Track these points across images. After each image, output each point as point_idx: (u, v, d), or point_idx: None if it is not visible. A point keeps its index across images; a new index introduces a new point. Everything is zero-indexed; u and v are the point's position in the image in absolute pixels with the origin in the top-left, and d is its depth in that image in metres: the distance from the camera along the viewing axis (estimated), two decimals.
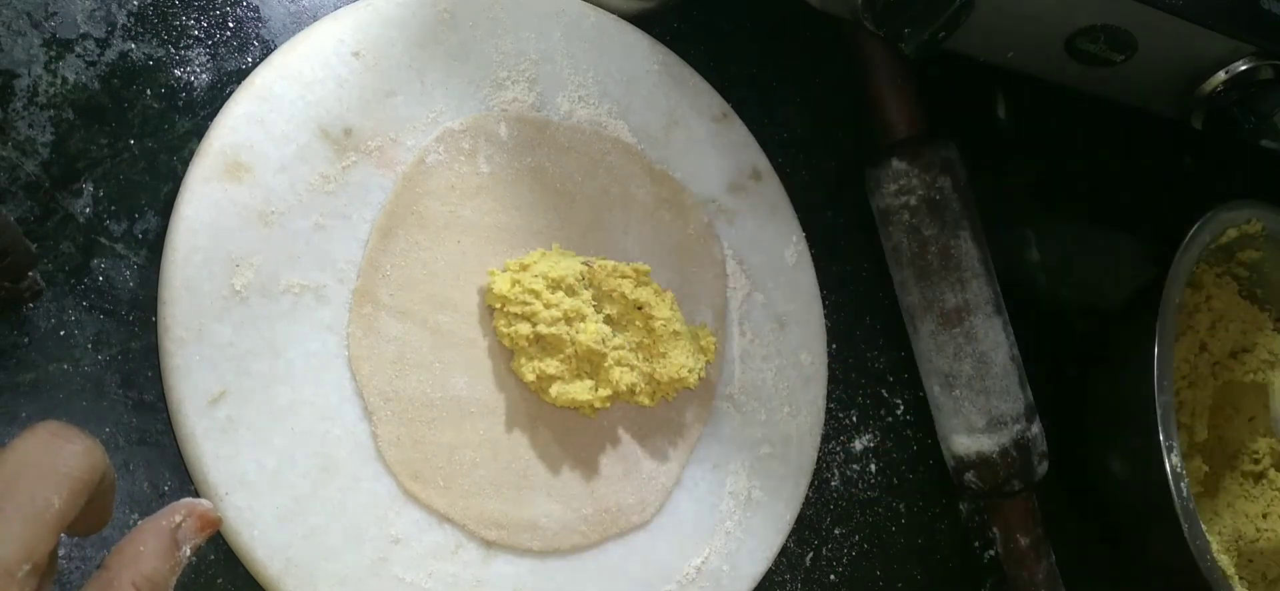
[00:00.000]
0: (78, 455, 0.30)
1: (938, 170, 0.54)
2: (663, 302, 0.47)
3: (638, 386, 0.46)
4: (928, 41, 0.47)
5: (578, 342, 0.45)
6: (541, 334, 0.45)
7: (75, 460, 0.29)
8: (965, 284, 0.54)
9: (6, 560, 0.27)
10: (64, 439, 0.29)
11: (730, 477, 0.50)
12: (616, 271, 0.47)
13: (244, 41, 0.46)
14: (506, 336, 0.46)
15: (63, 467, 0.29)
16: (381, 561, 0.43)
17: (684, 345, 0.48)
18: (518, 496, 0.46)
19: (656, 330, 0.47)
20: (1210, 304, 0.63)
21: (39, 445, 0.29)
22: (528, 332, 0.45)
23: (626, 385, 0.46)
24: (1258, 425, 0.63)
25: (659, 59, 0.52)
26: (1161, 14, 0.48)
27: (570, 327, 0.45)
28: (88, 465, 0.30)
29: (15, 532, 0.28)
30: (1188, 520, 0.52)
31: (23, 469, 0.29)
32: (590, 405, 0.46)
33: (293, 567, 0.41)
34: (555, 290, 0.45)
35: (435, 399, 0.45)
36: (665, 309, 0.47)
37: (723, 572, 0.49)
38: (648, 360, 0.47)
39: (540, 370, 0.45)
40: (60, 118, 0.42)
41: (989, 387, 0.54)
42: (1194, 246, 0.57)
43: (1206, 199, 0.59)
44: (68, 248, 0.42)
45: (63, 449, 0.29)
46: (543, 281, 0.45)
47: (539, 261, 0.46)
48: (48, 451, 0.29)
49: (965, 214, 0.55)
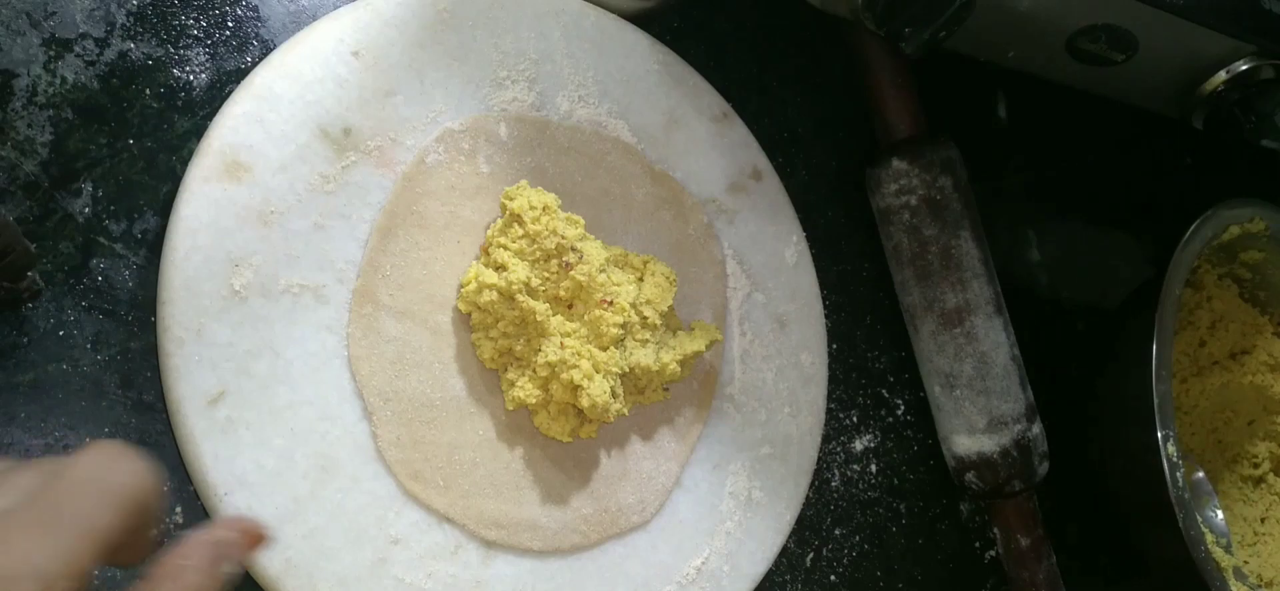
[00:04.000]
0: (132, 476, 0.29)
1: (938, 170, 0.54)
2: (656, 288, 0.47)
3: (609, 405, 0.45)
4: (928, 41, 0.47)
5: (538, 363, 0.44)
6: (509, 348, 0.45)
7: (129, 480, 0.29)
8: (966, 284, 0.54)
9: (47, 572, 0.27)
10: (122, 459, 0.29)
11: (730, 478, 0.50)
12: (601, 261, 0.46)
13: (243, 41, 0.46)
14: (478, 348, 0.46)
15: (116, 487, 0.29)
16: (381, 562, 0.43)
17: (663, 342, 0.47)
18: (518, 496, 0.45)
19: (627, 327, 0.46)
20: (1211, 304, 0.63)
21: (97, 462, 0.29)
22: (491, 352, 0.45)
23: (600, 403, 0.44)
24: (1257, 429, 0.63)
25: (659, 59, 0.52)
26: (1162, 13, 0.48)
27: (530, 346, 0.45)
28: (140, 488, 0.29)
29: (61, 546, 0.28)
30: (1182, 510, 0.52)
31: (78, 484, 0.29)
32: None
33: (293, 567, 0.41)
34: (520, 294, 0.44)
35: (435, 399, 0.45)
36: (629, 307, 0.46)
37: (723, 573, 0.49)
38: (624, 358, 0.46)
39: (518, 399, 0.45)
40: (59, 117, 0.42)
41: (989, 388, 0.54)
42: (1196, 241, 0.57)
43: (1207, 198, 0.59)
44: (67, 247, 0.41)
45: (119, 468, 0.29)
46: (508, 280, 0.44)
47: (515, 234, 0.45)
48: (104, 469, 0.29)
49: (965, 214, 0.55)
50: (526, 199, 0.45)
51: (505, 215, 0.46)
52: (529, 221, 0.45)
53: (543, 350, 0.44)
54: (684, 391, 0.49)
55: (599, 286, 0.45)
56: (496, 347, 0.45)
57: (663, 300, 0.47)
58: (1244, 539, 0.62)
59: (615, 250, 0.47)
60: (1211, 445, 0.63)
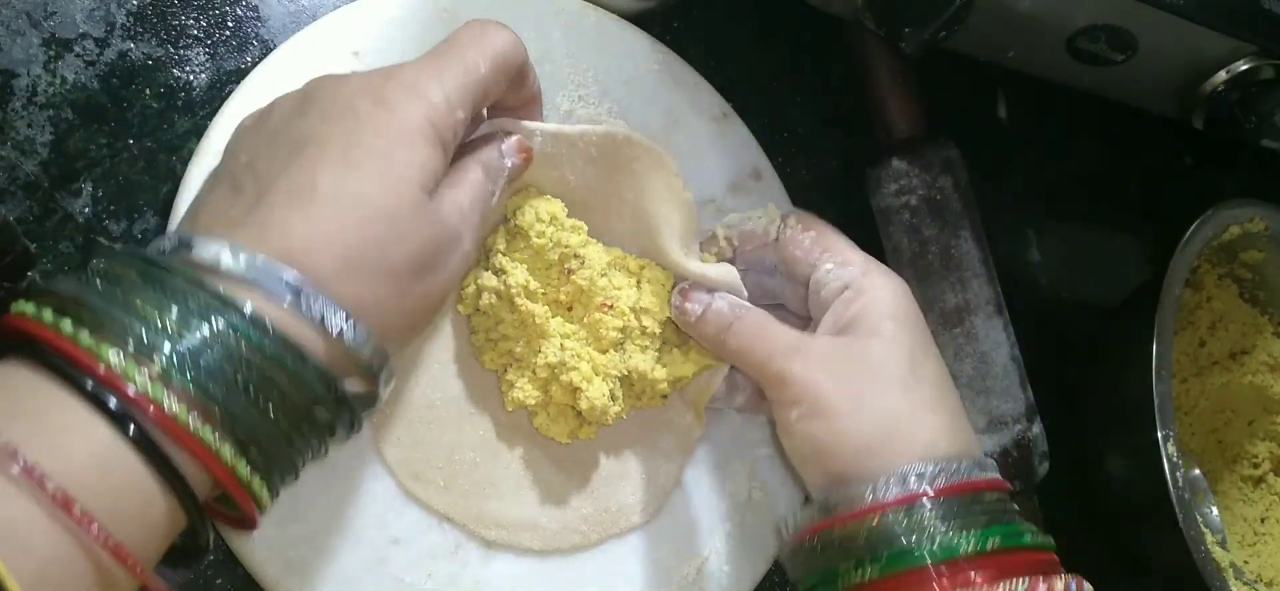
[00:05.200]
0: (503, 37, 0.39)
1: (938, 170, 0.54)
2: (653, 295, 0.46)
3: (608, 408, 0.45)
4: (928, 41, 0.47)
5: (537, 364, 0.44)
6: (509, 350, 0.45)
7: (501, 40, 0.38)
8: (965, 284, 0.54)
9: (449, 96, 0.36)
10: (495, 27, 0.39)
11: (730, 479, 0.50)
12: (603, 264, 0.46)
13: (243, 41, 0.46)
14: (477, 351, 0.45)
15: (490, 45, 0.38)
16: (381, 562, 0.43)
17: (664, 350, 0.47)
18: (518, 496, 0.45)
19: (626, 331, 0.46)
20: (1211, 304, 0.63)
21: (472, 29, 0.38)
22: (491, 354, 0.45)
23: (599, 405, 0.44)
24: (1257, 429, 0.63)
25: (659, 59, 0.52)
26: (1162, 13, 0.48)
27: (530, 347, 0.44)
28: (511, 47, 0.39)
29: (455, 81, 0.36)
30: (1182, 510, 0.52)
31: (458, 41, 0.38)
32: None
33: (293, 567, 0.41)
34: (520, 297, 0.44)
35: (435, 399, 0.45)
36: (629, 311, 0.45)
37: (723, 573, 0.49)
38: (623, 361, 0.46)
39: (518, 401, 0.45)
40: (59, 117, 0.42)
41: (989, 388, 0.54)
42: (1196, 241, 0.57)
43: (1207, 198, 0.59)
44: (67, 247, 0.41)
45: (491, 31, 0.38)
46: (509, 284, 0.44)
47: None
48: (479, 32, 0.38)
49: (965, 214, 0.55)
50: (534, 212, 0.44)
51: (508, 225, 0.45)
52: (534, 237, 0.44)
53: (542, 352, 0.44)
54: (684, 395, 0.49)
55: (600, 290, 0.45)
56: (496, 350, 0.45)
57: (661, 308, 0.46)
58: (1244, 538, 0.62)
59: (614, 252, 0.47)
60: (1211, 445, 0.63)
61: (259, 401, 0.30)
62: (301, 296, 0.31)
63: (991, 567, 0.38)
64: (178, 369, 0.29)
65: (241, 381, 0.30)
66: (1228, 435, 0.63)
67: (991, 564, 0.38)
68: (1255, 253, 0.62)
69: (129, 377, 0.28)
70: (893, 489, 0.39)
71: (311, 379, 0.32)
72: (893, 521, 0.38)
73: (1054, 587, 0.38)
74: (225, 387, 0.30)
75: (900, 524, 0.38)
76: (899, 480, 0.39)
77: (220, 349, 0.30)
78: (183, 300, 0.30)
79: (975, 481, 0.40)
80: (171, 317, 0.29)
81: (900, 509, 0.38)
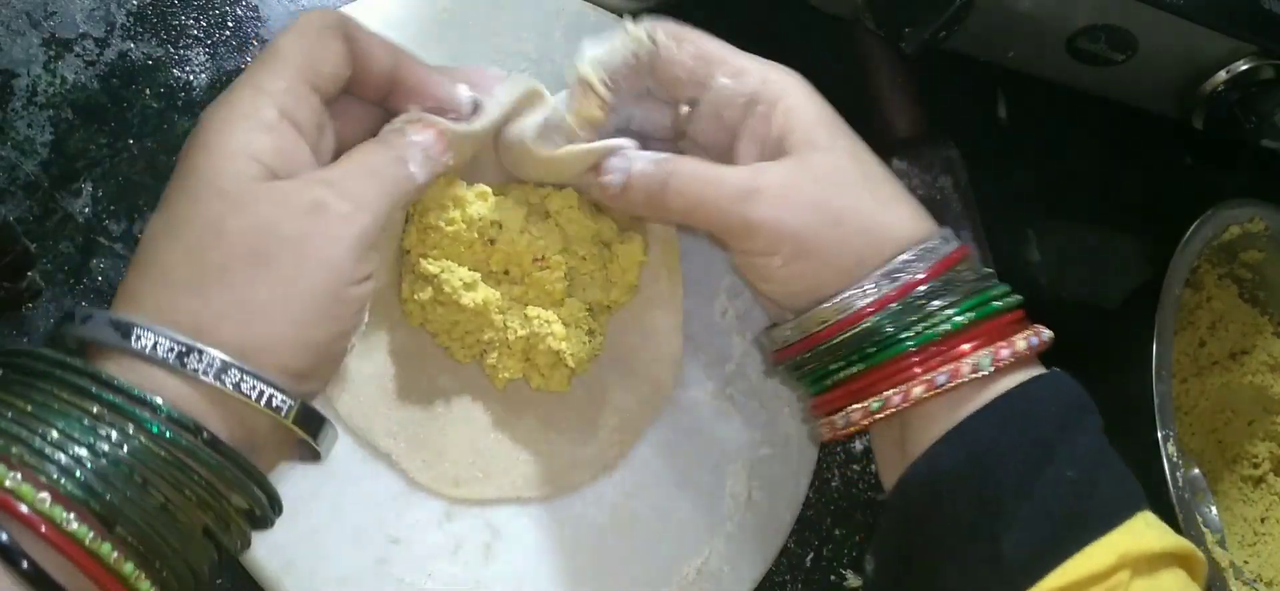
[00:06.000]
0: (315, 16, 0.36)
1: (938, 170, 0.54)
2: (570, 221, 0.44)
3: (594, 346, 0.45)
4: (928, 41, 0.47)
5: (511, 340, 0.44)
6: (477, 340, 0.44)
7: (313, 18, 0.36)
8: None
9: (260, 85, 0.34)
10: (305, 15, 0.36)
11: (730, 478, 0.50)
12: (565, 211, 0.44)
13: (243, 41, 0.46)
14: (448, 351, 0.45)
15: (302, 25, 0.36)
16: (381, 561, 0.43)
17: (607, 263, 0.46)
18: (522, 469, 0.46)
19: (570, 273, 0.44)
20: (1211, 304, 0.63)
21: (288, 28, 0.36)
22: (460, 350, 0.45)
23: (582, 355, 0.44)
24: (1257, 429, 0.63)
25: None
26: (1162, 13, 0.48)
27: (494, 328, 0.44)
28: (324, 19, 0.36)
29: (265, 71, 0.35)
30: (1182, 509, 0.52)
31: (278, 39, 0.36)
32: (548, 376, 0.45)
33: (293, 567, 0.41)
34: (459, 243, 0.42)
35: (431, 394, 0.45)
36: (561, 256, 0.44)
37: (723, 573, 0.49)
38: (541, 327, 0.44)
39: (507, 379, 0.44)
40: (59, 117, 0.42)
41: None
42: (1196, 241, 0.57)
43: (1207, 198, 0.59)
44: (67, 247, 0.41)
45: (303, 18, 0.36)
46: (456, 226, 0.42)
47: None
48: (291, 26, 0.36)
49: (965, 214, 0.55)
50: (436, 202, 0.42)
51: (418, 223, 0.43)
52: (445, 226, 0.42)
53: (509, 327, 0.44)
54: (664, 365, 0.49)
55: (526, 250, 0.43)
56: (463, 344, 0.45)
57: (581, 230, 0.44)
58: (1244, 538, 0.62)
59: (518, 191, 0.44)
60: (1211, 445, 0.63)
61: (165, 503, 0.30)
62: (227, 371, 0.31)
63: (975, 337, 0.39)
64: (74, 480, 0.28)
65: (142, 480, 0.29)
66: (1227, 435, 0.63)
67: (972, 335, 0.39)
68: (1255, 253, 0.62)
69: (21, 496, 0.27)
70: (885, 286, 0.39)
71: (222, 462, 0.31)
72: (885, 316, 0.39)
73: (1016, 346, 0.39)
74: (123, 496, 0.28)
75: (892, 316, 0.39)
76: (889, 277, 0.40)
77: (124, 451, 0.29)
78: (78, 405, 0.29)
79: (950, 256, 0.40)
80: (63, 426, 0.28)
81: (895, 303, 0.39)
